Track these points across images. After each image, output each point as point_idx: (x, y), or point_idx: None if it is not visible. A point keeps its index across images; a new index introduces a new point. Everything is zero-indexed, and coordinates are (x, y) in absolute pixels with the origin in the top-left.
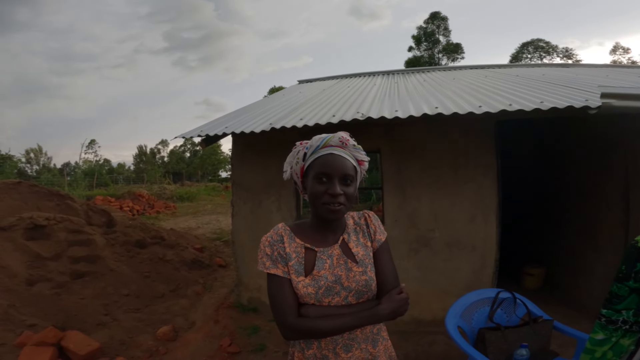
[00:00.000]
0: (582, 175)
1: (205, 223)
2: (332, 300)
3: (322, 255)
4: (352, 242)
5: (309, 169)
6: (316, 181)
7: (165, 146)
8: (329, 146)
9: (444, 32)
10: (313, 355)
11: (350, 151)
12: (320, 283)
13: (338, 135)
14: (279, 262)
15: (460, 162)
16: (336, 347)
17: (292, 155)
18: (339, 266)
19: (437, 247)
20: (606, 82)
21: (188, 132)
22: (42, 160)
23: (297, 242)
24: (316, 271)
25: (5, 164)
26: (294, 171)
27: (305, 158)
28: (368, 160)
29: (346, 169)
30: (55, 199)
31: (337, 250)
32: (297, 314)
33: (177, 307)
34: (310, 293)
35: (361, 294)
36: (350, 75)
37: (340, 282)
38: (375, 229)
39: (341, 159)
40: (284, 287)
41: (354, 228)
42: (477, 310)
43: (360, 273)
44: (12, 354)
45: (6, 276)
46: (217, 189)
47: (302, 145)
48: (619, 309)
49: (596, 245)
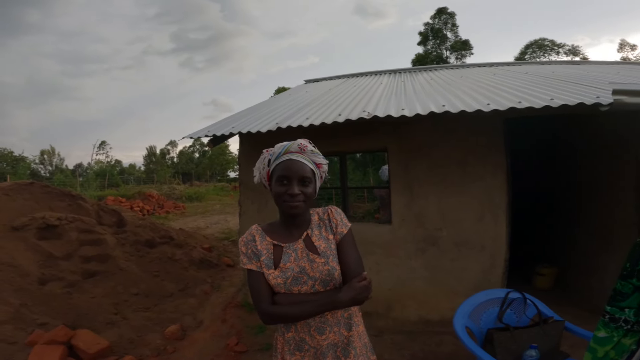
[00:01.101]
0: (594, 173)
1: (213, 223)
2: (301, 289)
3: (287, 250)
4: (315, 236)
5: (273, 173)
6: (278, 183)
7: (175, 147)
8: (289, 152)
9: (452, 28)
10: (292, 337)
11: (308, 156)
12: (288, 274)
13: (297, 142)
14: (253, 258)
15: (469, 160)
16: (310, 329)
17: (260, 161)
18: (303, 258)
19: (445, 247)
20: (617, 79)
21: (195, 133)
22: (55, 161)
23: (267, 240)
24: (282, 264)
25: (18, 165)
26: (262, 176)
27: (270, 163)
28: (326, 163)
29: (303, 171)
30: (67, 199)
31: (301, 245)
32: (271, 302)
33: (185, 306)
34: (279, 283)
35: (326, 282)
36: (357, 74)
37: (305, 272)
38: (336, 222)
39: (299, 164)
40: (258, 280)
41: (317, 223)
42: (485, 310)
43: (322, 263)
44: (23, 352)
45: (18, 275)
46: (225, 189)
47: (267, 152)
48: (623, 307)
49: (609, 245)
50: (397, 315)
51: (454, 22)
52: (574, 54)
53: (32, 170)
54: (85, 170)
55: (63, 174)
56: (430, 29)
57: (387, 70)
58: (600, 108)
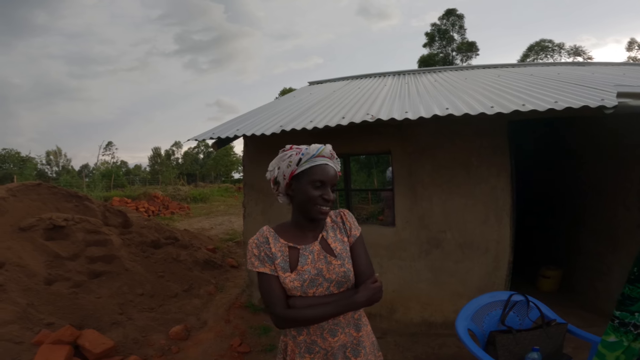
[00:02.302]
0: (599, 174)
1: (218, 224)
2: (316, 291)
3: (304, 252)
4: (330, 238)
5: (302, 174)
6: (311, 186)
7: (180, 148)
8: (322, 156)
9: (459, 30)
10: (304, 341)
11: (334, 163)
12: (305, 277)
13: (329, 148)
14: (266, 261)
15: (473, 162)
16: (323, 332)
17: (282, 158)
18: (320, 260)
19: (448, 249)
20: (623, 80)
21: (200, 135)
22: (62, 162)
23: (281, 242)
24: (300, 266)
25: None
26: (281, 172)
27: (300, 163)
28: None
29: (335, 178)
30: (73, 200)
31: (317, 247)
32: (286, 305)
33: (189, 307)
34: (296, 286)
35: (341, 284)
36: (361, 76)
37: (322, 274)
38: (350, 225)
39: (332, 170)
40: (272, 283)
41: (331, 225)
42: (488, 312)
43: (339, 265)
44: (29, 352)
45: (25, 275)
46: (230, 190)
47: (293, 150)
48: (633, 311)
49: (614, 247)
50: (401, 317)
51: (461, 24)
52: (577, 55)
53: (39, 171)
54: (91, 171)
55: (69, 175)
56: (437, 30)
57: (391, 72)
58: (605, 111)
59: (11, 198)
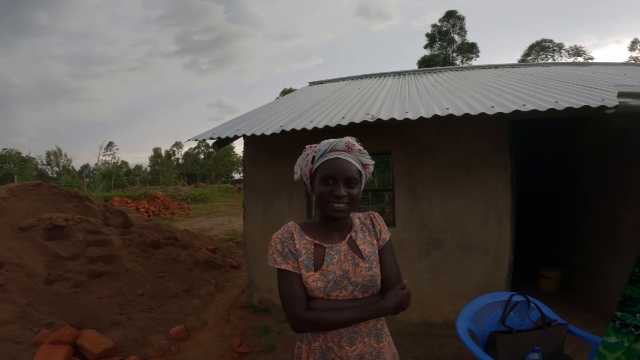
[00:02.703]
0: (600, 175)
1: (218, 224)
2: (339, 294)
3: (330, 251)
4: (359, 239)
5: (316, 171)
6: (322, 183)
7: (180, 148)
8: (335, 150)
9: (459, 32)
10: (319, 347)
11: (356, 155)
12: (329, 277)
13: (345, 140)
14: (289, 258)
15: (473, 163)
16: (341, 339)
17: (302, 157)
18: (347, 261)
19: (449, 249)
20: (624, 80)
21: (200, 135)
22: (62, 162)
23: (307, 239)
24: (325, 266)
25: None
26: (303, 173)
27: (314, 161)
28: (373, 164)
29: (350, 172)
30: (74, 200)
31: (345, 247)
32: (306, 307)
33: (189, 307)
34: (319, 287)
35: (366, 288)
36: (361, 76)
37: (347, 276)
38: (380, 228)
39: (346, 163)
40: (293, 282)
41: (360, 227)
42: (489, 313)
43: (366, 269)
44: (29, 352)
45: (25, 275)
46: (230, 190)
47: (311, 148)
48: (634, 312)
49: (615, 248)
50: (400, 318)
51: (462, 26)
52: (577, 55)
53: (39, 171)
54: (91, 171)
55: (70, 175)
56: (438, 32)
57: (391, 72)
58: (606, 111)
59: (11, 198)
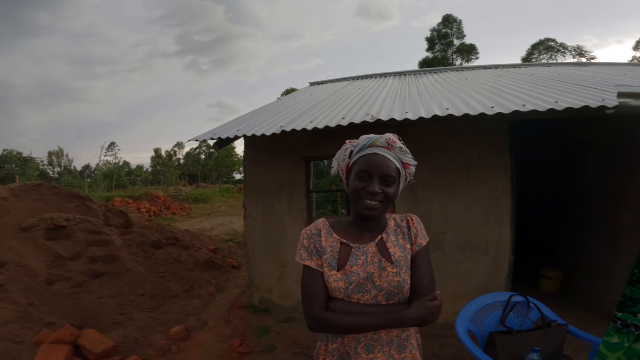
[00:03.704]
0: (602, 175)
1: (219, 224)
2: (361, 298)
3: (356, 251)
4: (391, 242)
5: (353, 166)
6: (357, 178)
7: (182, 148)
8: (374, 146)
9: (458, 34)
10: (336, 349)
11: (396, 153)
12: (352, 279)
13: (385, 137)
14: (314, 254)
15: (473, 163)
16: (358, 345)
17: (341, 152)
18: (373, 264)
19: (449, 250)
20: (624, 81)
21: (201, 135)
22: (63, 162)
23: (334, 236)
24: (348, 266)
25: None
26: (340, 167)
27: (351, 155)
28: (414, 164)
29: (388, 169)
30: (75, 200)
31: (373, 248)
32: (325, 307)
33: (190, 307)
34: (340, 287)
35: (392, 294)
36: (362, 76)
37: (372, 280)
38: (416, 232)
39: (384, 159)
40: (315, 280)
41: (394, 229)
42: (488, 313)
43: (394, 274)
44: (29, 351)
45: (26, 275)
46: (231, 190)
47: (350, 143)
48: (635, 312)
49: (616, 249)
50: None
51: (459, 28)
52: (580, 55)
53: (41, 171)
54: (93, 171)
55: (71, 175)
56: (437, 34)
57: (392, 72)
58: (606, 111)
59: (13, 198)
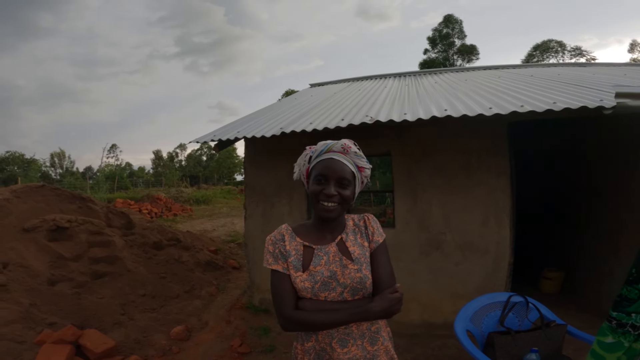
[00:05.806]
0: (603, 175)
1: (220, 225)
2: (328, 296)
3: (319, 252)
4: (350, 241)
5: (312, 170)
6: (315, 182)
7: (183, 150)
8: (331, 151)
9: (459, 35)
10: (312, 347)
11: (351, 157)
12: (317, 278)
13: (341, 142)
14: (280, 258)
15: (472, 164)
16: (332, 341)
17: (301, 157)
18: (335, 262)
19: (448, 250)
20: (623, 81)
21: (202, 137)
22: (66, 164)
23: (297, 240)
24: (312, 267)
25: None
26: (301, 172)
27: (311, 161)
28: (369, 168)
29: (343, 172)
30: (77, 201)
31: (334, 248)
32: (294, 307)
33: (191, 308)
34: (307, 287)
35: (356, 290)
36: (362, 77)
37: (335, 277)
38: (373, 230)
39: (340, 164)
40: (283, 282)
41: (352, 229)
42: (487, 314)
43: (355, 270)
44: (31, 351)
45: (29, 276)
46: (232, 192)
47: (310, 149)
48: (630, 312)
49: (617, 249)
50: (400, 319)
51: (460, 29)
52: (580, 55)
53: (43, 172)
54: (95, 173)
55: (73, 177)
56: (439, 35)
57: (392, 73)
58: (604, 111)
59: (15, 199)
